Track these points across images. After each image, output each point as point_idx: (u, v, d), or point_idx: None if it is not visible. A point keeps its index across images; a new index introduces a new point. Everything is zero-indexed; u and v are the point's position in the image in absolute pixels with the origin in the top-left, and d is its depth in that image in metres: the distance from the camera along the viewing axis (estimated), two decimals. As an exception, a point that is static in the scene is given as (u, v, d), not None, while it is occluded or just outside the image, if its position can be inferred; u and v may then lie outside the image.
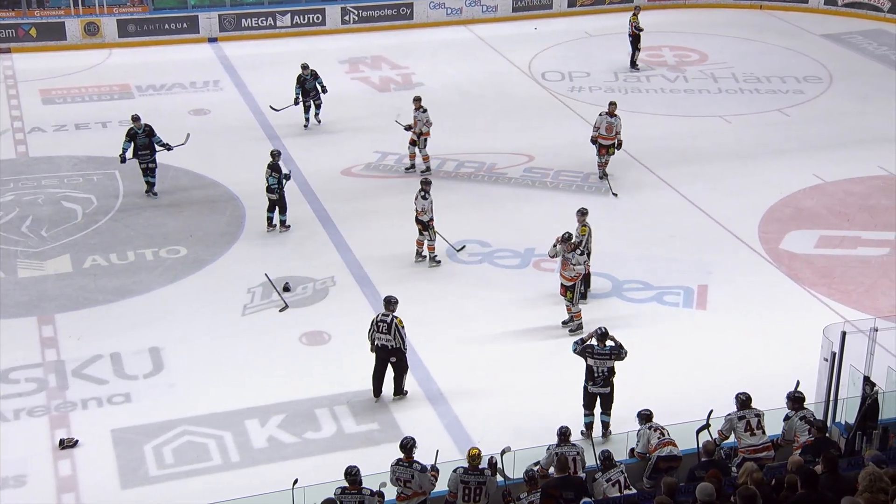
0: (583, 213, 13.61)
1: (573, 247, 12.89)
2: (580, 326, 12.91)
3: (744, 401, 10.15)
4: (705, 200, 16.78)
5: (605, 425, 11.23)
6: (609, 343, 11.01)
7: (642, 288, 14.17)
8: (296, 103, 18.68)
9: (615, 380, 11.08)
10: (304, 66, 18.82)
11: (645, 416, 10.14)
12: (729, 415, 10.13)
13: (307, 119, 19.02)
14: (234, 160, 18.11)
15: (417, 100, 17.53)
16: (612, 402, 11.09)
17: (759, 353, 12.71)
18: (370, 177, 17.62)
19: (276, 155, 15.45)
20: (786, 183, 17.23)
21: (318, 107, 18.93)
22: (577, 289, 12.88)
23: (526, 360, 12.59)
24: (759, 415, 10.09)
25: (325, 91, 18.96)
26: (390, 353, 11.49)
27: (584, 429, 11.15)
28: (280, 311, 13.60)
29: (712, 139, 19.30)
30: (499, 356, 12.66)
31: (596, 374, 11.00)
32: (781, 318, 13.45)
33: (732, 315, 13.56)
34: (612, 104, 16.86)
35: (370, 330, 11.63)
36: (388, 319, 11.43)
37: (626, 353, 11.07)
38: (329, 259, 14.90)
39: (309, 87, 18.75)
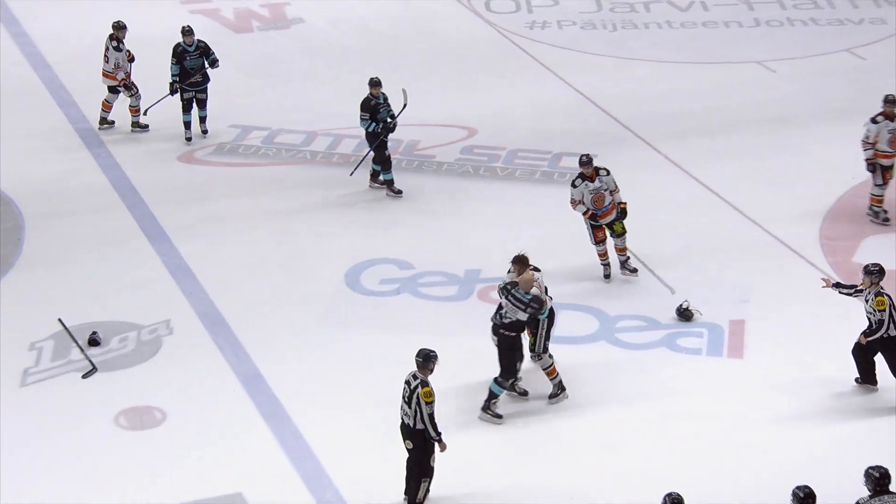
0: (873, 272, 12.70)
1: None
2: (560, 389, 12.97)
3: (804, 499, 10.14)
4: (736, 191, 16.85)
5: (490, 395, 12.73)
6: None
7: (644, 327, 14.19)
8: (172, 92, 17.85)
9: None
10: (187, 32, 17.79)
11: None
12: (784, 520, 10.07)
13: (190, 128, 18.05)
14: (5, 141, 17.84)
15: (118, 28, 17.83)
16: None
17: (824, 426, 12.66)
18: (223, 164, 17.67)
19: (374, 84, 16.23)
20: (860, 163, 17.12)
21: (201, 104, 18.05)
22: (540, 333, 12.91)
23: (468, 450, 12.31)
24: (828, 520, 10.10)
25: (214, 65, 17.95)
26: (408, 436, 11.39)
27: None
28: (84, 376, 13.40)
29: (745, 97, 19.49)
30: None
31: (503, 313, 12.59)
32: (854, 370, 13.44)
33: (783, 366, 13.53)
34: (892, 100, 15.85)
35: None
36: (413, 384, 11.30)
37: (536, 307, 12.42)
38: (161, 292, 14.83)
39: (191, 67, 17.83)
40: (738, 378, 13.43)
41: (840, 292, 13.14)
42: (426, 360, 11.33)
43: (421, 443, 11.33)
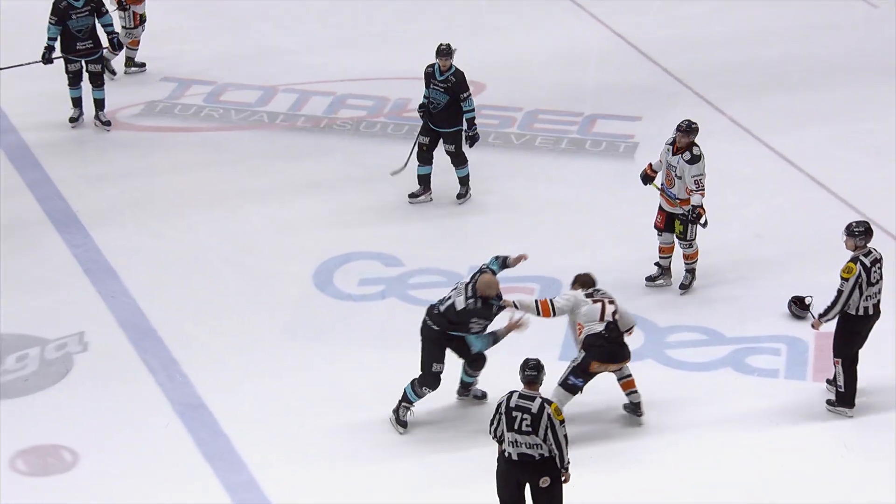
0: (857, 233, 12.96)
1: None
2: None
3: None
4: (824, 162, 17.01)
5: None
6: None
7: (704, 341, 14.28)
8: (45, 60, 17.57)
9: None
10: None
11: None
12: None
13: (78, 107, 17.93)
14: None
15: None
16: None
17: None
18: (153, 129, 17.83)
19: (444, 52, 15.92)
20: None
21: (96, 81, 17.73)
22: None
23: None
24: None
25: (117, 46, 18.04)
26: (541, 470, 11.25)
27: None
28: (-30, 406, 13.37)
29: (837, 42, 19.78)
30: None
31: None
32: None
33: (888, 393, 13.51)
34: None
35: (494, 424, 11.33)
36: (534, 406, 11.16)
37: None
38: (72, 296, 14.84)
39: (78, 28, 17.54)
40: (828, 412, 13.35)
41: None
42: (539, 371, 11.23)
43: (558, 474, 11.30)
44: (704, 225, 14.54)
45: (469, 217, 16.14)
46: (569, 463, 11.17)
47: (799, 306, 14.26)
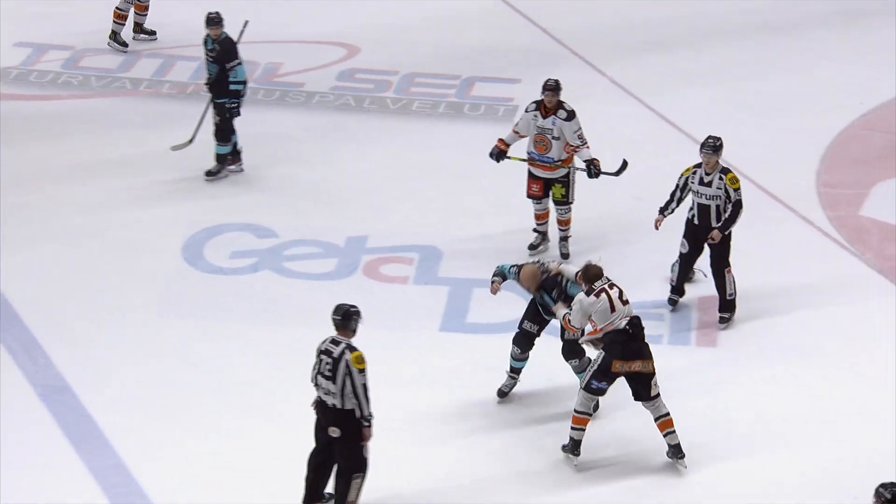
0: (719, 146, 13.80)
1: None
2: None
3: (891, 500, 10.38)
4: (706, 123, 16.48)
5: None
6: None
7: None
8: None
9: None
10: None
11: None
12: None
13: None
14: None
15: None
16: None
17: (826, 445, 12.59)
18: (7, 98, 17.75)
19: (211, 21, 16.04)
20: (872, 83, 17.82)
21: None
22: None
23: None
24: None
25: None
26: (333, 420, 11.31)
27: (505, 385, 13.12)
28: None
29: (716, 1, 19.77)
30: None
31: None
32: (868, 359, 13.58)
33: (769, 357, 13.67)
34: None
35: (314, 368, 11.37)
36: (336, 351, 11.22)
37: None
38: None
39: None
40: (709, 373, 13.57)
41: (666, 214, 14.17)
42: (346, 318, 11.26)
43: (355, 428, 11.32)
44: (619, 172, 14.81)
45: (345, 184, 16.09)
46: (371, 416, 11.20)
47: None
